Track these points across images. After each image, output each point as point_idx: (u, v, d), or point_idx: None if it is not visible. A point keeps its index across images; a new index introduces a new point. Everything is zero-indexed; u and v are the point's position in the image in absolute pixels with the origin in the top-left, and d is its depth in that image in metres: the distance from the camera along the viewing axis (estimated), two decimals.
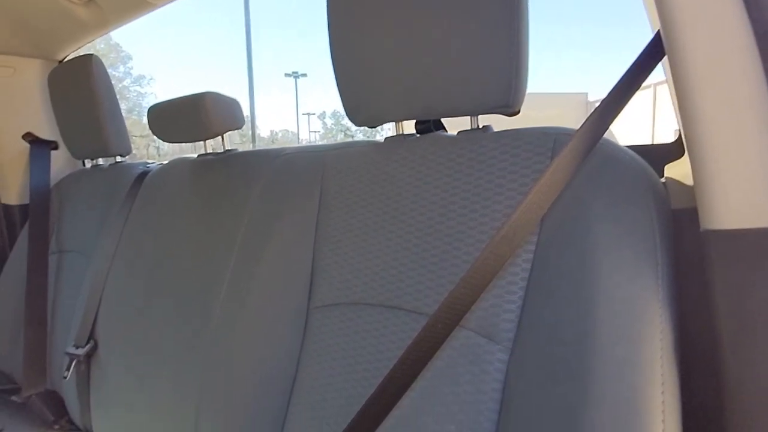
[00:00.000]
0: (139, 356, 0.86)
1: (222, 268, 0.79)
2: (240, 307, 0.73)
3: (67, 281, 1.18)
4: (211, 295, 0.78)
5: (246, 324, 0.71)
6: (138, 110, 19.47)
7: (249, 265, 0.75)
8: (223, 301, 0.76)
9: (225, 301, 0.76)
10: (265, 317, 0.70)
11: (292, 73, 26.40)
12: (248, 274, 0.74)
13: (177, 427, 0.76)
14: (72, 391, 1.00)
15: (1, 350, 1.28)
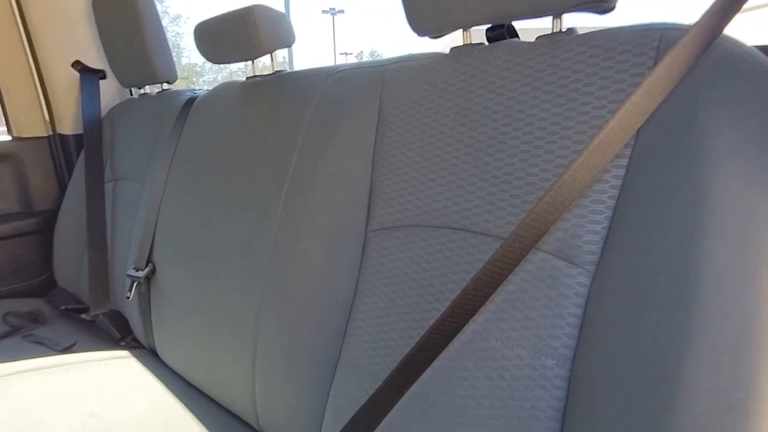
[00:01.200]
0: (196, 278, 0.87)
1: (276, 190, 0.77)
2: (296, 230, 0.71)
3: (122, 208, 1.20)
4: (266, 218, 0.77)
5: (302, 247, 0.70)
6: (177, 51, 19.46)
7: (304, 188, 0.72)
8: (278, 224, 0.74)
9: (280, 223, 0.74)
10: (321, 240, 0.68)
11: (329, 10, 25.52)
12: (303, 197, 0.72)
13: (236, 346, 0.77)
14: (135, 311, 1.04)
15: (69, 274, 1.35)
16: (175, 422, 0.78)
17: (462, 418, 0.53)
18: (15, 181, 1.42)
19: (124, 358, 1.00)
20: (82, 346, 1.08)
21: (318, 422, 0.66)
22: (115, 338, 1.09)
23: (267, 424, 0.75)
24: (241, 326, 0.77)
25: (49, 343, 1.09)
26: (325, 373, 0.66)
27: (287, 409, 0.70)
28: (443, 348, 0.53)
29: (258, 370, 0.73)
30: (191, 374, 0.90)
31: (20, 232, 1.41)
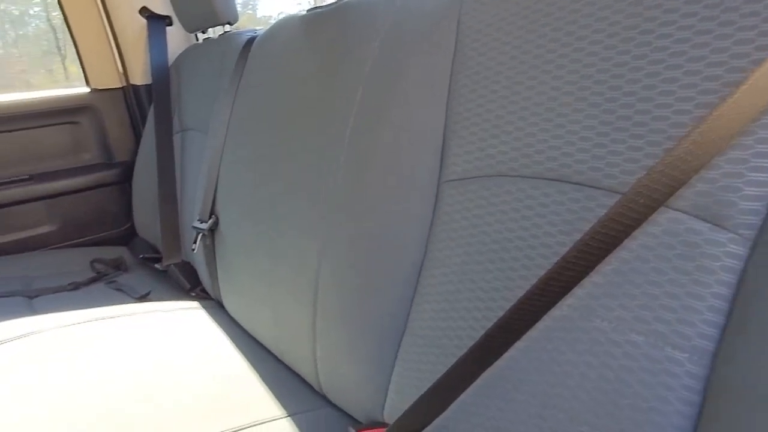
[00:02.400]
0: (256, 231, 0.83)
1: (338, 136, 0.68)
2: (359, 181, 0.63)
3: (190, 159, 1.19)
4: (329, 164, 0.69)
5: (365, 201, 0.61)
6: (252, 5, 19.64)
7: (369, 131, 0.63)
8: (341, 171, 0.66)
9: (344, 170, 0.66)
10: (386, 192, 0.59)
11: None
12: (368, 141, 0.62)
13: (296, 307, 0.72)
14: (201, 264, 1.03)
15: (147, 224, 1.38)
16: (238, 378, 0.76)
17: (551, 410, 0.43)
18: (95, 133, 1.46)
19: (193, 309, 1.00)
20: (156, 294, 1.11)
21: (382, 394, 0.60)
22: (185, 289, 1.10)
23: (329, 390, 0.70)
24: (300, 285, 0.71)
25: (127, 290, 1.12)
26: (389, 342, 0.58)
27: (349, 377, 0.64)
28: (530, 325, 0.43)
29: (318, 333, 0.68)
30: (255, 329, 0.87)
31: (103, 183, 1.46)
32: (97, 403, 0.67)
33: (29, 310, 1.02)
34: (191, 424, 0.64)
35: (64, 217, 1.42)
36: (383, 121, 0.60)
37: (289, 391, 0.75)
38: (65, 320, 0.91)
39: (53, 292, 1.10)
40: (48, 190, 1.37)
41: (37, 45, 1.63)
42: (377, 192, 0.60)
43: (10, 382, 0.73)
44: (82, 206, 1.44)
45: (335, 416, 0.70)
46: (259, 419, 0.66)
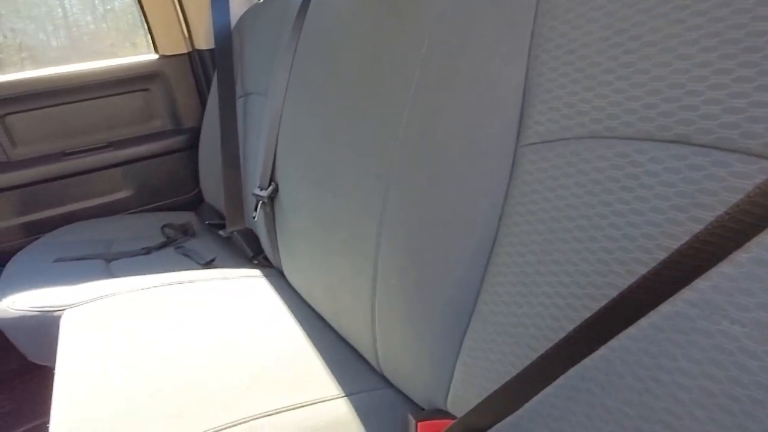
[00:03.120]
0: (315, 199, 0.78)
1: (402, 92, 0.61)
2: (425, 141, 0.56)
3: (252, 124, 1.17)
4: (391, 127, 0.62)
5: (431, 166, 0.54)
6: None
7: (435, 88, 0.55)
8: (404, 133, 0.59)
9: (407, 131, 0.59)
10: (455, 157, 0.52)
11: None
12: (434, 100, 0.55)
13: (354, 280, 0.68)
14: (262, 231, 1.02)
15: (213, 190, 1.40)
16: (297, 353, 0.73)
17: (654, 426, 0.35)
18: (164, 100, 1.48)
19: (254, 277, 0.99)
20: (220, 261, 1.12)
21: (445, 381, 0.54)
22: (248, 256, 1.10)
23: (389, 371, 0.66)
24: (359, 258, 0.66)
25: (194, 256, 1.14)
26: (454, 326, 0.52)
27: (409, 360, 0.59)
28: (632, 322, 0.35)
29: (378, 312, 0.63)
30: (314, 301, 0.85)
31: (172, 149, 1.49)
32: (163, 368, 0.68)
33: (106, 273, 1.06)
34: (250, 398, 0.62)
35: (138, 183, 1.47)
36: (451, 76, 0.52)
37: (347, 368, 0.71)
38: (137, 284, 0.94)
39: (128, 256, 1.15)
40: (123, 156, 1.42)
41: (123, 19, 1.67)
42: (443, 158, 0.53)
43: (87, 342, 0.75)
44: (154, 172, 1.49)
45: (394, 399, 0.66)
46: (317, 398, 0.64)
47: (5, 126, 1.31)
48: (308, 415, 0.61)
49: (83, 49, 1.52)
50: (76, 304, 0.88)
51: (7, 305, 0.93)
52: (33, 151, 1.36)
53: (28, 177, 1.33)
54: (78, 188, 1.40)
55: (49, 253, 1.15)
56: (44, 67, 1.35)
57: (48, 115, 1.36)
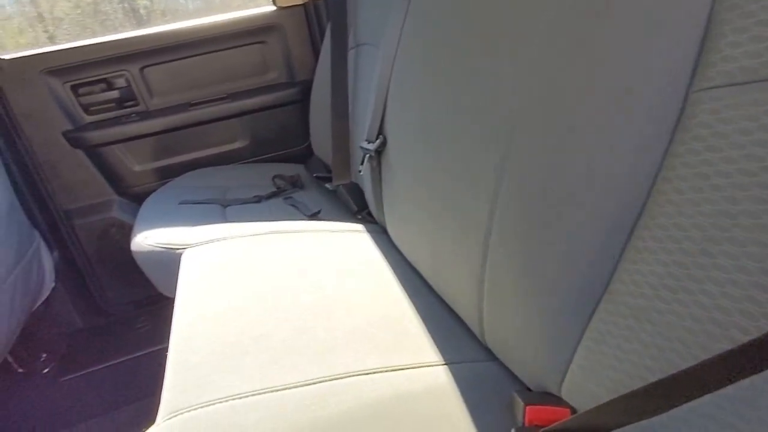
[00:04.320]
0: (427, 155, 0.73)
1: (532, 32, 0.52)
2: (559, 87, 0.47)
3: (362, 75, 1.13)
4: (517, 76, 0.54)
5: (567, 116, 0.46)
6: None
7: (578, 20, 0.45)
8: (533, 81, 0.51)
9: (537, 79, 0.51)
10: (599, 100, 0.43)
11: None
12: (576, 35, 0.45)
13: (462, 245, 0.62)
14: (368, 186, 1.00)
15: (322, 143, 1.41)
16: (397, 314, 0.71)
17: None
18: (280, 52, 1.51)
19: (357, 232, 0.98)
20: (325, 214, 1.12)
21: (561, 365, 0.48)
22: (353, 211, 1.09)
23: (494, 345, 0.60)
24: (469, 221, 0.60)
25: (301, 207, 1.16)
26: (578, 305, 0.45)
27: (520, 338, 0.53)
28: None
29: (488, 280, 0.57)
30: (417, 261, 0.81)
31: (285, 102, 1.52)
32: (266, 314, 0.69)
33: (222, 218, 1.12)
34: (345, 354, 0.61)
35: (253, 135, 1.53)
36: (598, 6, 0.43)
37: (448, 335, 0.67)
38: (249, 230, 0.97)
39: (241, 203, 1.20)
40: (240, 108, 1.48)
41: None
42: (584, 106, 0.44)
43: (203, 280, 0.80)
44: (267, 124, 1.53)
45: (498, 374, 0.60)
46: (414, 362, 0.60)
47: (144, 77, 1.42)
48: (404, 380, 0.58)
49: (215, 10, 1.58)
50: (195, 244, 0.94)
51: (141, 240, 1.03)
52: (165, 101, 1.46)
53: (161, 125, 1.44)
54: (200, 138, 1.50)
55: (175, 196, 1.25)
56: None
57: (177, 68, 1.45)
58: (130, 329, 1.49)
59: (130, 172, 1.48)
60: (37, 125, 1.37)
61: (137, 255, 1.03)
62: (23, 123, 1.36)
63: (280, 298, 0.73)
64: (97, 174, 1.46)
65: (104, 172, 1.47)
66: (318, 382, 0.56)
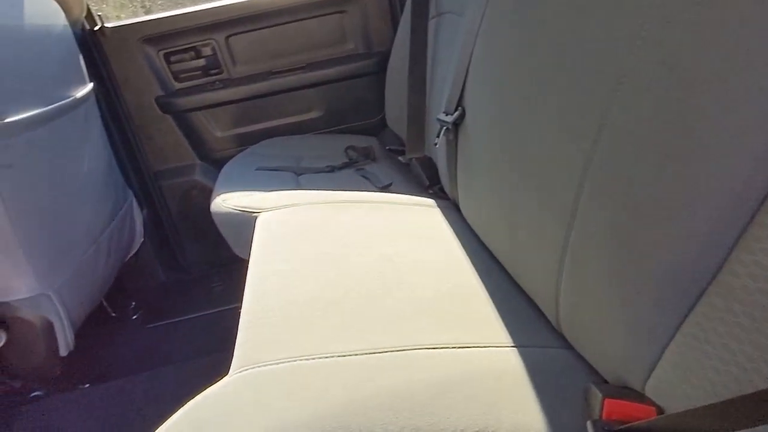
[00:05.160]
0: (509, 127, 0.69)
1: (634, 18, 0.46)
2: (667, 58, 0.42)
3: (443, 46, 1.09)
4: (621, 50, 0.49)
5: (675, 81, 0.41)
6: None
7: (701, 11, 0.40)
8: (640, 51, 0.46)
9: (645, 49, 0.45)
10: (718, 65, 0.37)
11: None
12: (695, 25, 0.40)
13: (541, 225, 0.59)
14: (442, 160, 0.97)
15: (396, 115, 1.39)
16: (466, 291, 0.69)
17: None
18: (358, 22, 1.49)
19: (428, 206, 0.96)
20: (396, 187, 1.11)
21: (649, 359, 0.43)
22: (424, 185, 1.07)
23: (569, 331, 0.57)
24: (552, 200, 0.57)
25: (372, 179, 1.16)
26: (679, 296, 0.40)
27: (601, 327, 0.49)
28: None
29: (568, 264, 0.54)
30: (489, 240, 0.78)
31: (361, 73, 1.51)
32: (336, 281, 0.70)
33: (295, 185, 1.15)
34: (411, 328, 0.60)
35: (328, 105, 1.54)
36: None
37: (519, 317, 0.64)
38: (322, 198, 0.99)
39: (314, 172, 1.22)
40: (317, 78, 1.49)
41: None
42: (697, 73, 0.39)
43: (276, 243, 0.82)
44: (342, 95, 1.54)
45: (572, 362, 0.57)
46: (482, 341, 0.58)
47: (229, 46, 1.47)
48: (471, 358, 0.56)
49: None
50: (269, 209, 0.96)
51: (219, 202, 1.08)
52: (247, 70, 1.51)
53: (242, 93, 1.49)
54: (278, 106, 1.53)
55: (252, 162, 1.30)
56: None
57: (259, 37, 1.48)
58: (206, 287, 1.58)
59: (212, 137, 1.55)
60: (133, 91, 1.47)
61: (216, 216, 1.08)
62: (122, 88, 1.46)
63: (350, 266, 0.73)
64: (183, 138, 1.55)
65: (189, 136, 1.55)
66: (384, 352, 0.56)
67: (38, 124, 1.05)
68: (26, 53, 1.07)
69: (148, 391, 1.16)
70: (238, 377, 0.55)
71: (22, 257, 1.00)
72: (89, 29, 1.38)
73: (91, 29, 1.39)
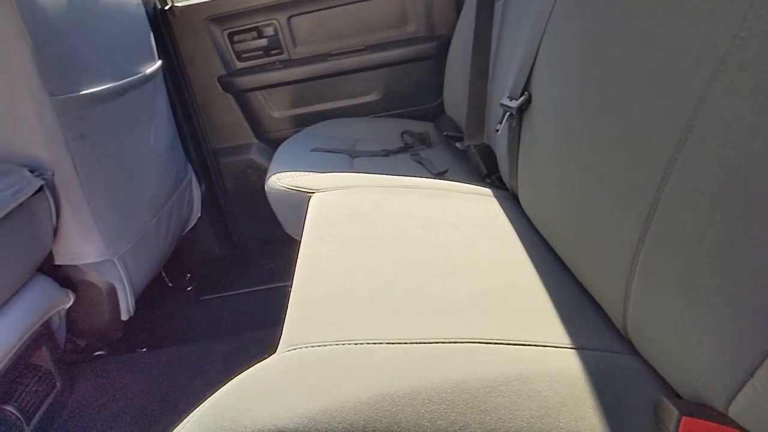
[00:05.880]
0: (583, 118, 0.64)
1: None
2: None
3: (509, 28, 1.04)
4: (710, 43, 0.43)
5: None
6: None
7: None
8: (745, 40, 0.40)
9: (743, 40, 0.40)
10: None
11: None
12: None
13: (621, 208, 0.54)
14: (502, 148, 0.93)
15: (455, 101, 1.35)
16: (523, 286, 0.65)
17: None
18: (421, 4, 1.45)
19: (484, 196, 0.93)
20: (452, 174, 1.08)
21: (736, 378, 0.39)
22: (482, 173, 1.03)
23: (639, 337, 0.52)
24: (628, 195, 0.52)
25: (427, 165, 1.13)
26: None
27: (682, 336, 0.45)
28: None
29: (643, 263, 0.49)
30: (550, 233, 0.74)
31: (421, 56, 1.48)
32: (388, 267, 0.68)
33: (349, 167, 1.14)
34: (464, 320, 0.58)
35: (385, 89, 1.52)
36: None
37: (580, 318, 0.60)
38: (376, 181, 0.97)
39: (369, 155, 1.21)
40: (376, 60, 1.47)
41: None
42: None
43: (329, 225, 0.82)
44: (401, 78, 1.51)
45: (638, 370, 0.53)
46: (539, 340, 0.55)
47: (290, 26, 1.48)
48: (526, 357, 0.53)
49: None
50: (323, 190, 0.96)
51: (274, 181, 1.09)
52: (307, 51, 1.51)
53: (301, 74, 1.49)
54: (335, 89, 1.53)
55: (308, 143, 1.30)
56: None
57: (320, 18, 1.47)
58: (258, 264, 1.62)
59: (270, 117, 1.57)
60: (198, 69, 1.51)
61: (270, 194, 1.10)
62: (188, 66, 1.51)
63: (403, 252, 0.71)
64: (241, 118, 1.58)
65: (247, 116, 1.58)
66: (435, 342, 0.54)
67: (111, 97, 1.09)
68: (103, 29, 1.12)
69: (199, 360, 1.21)
70: (285, 356, 0.55)
71: (92, 224, 1.05)
72: (160, 8, 1.43)
73: (162, 8, 1.43)
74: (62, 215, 1.02)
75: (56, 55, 0.97)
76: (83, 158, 1.02)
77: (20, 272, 0.97)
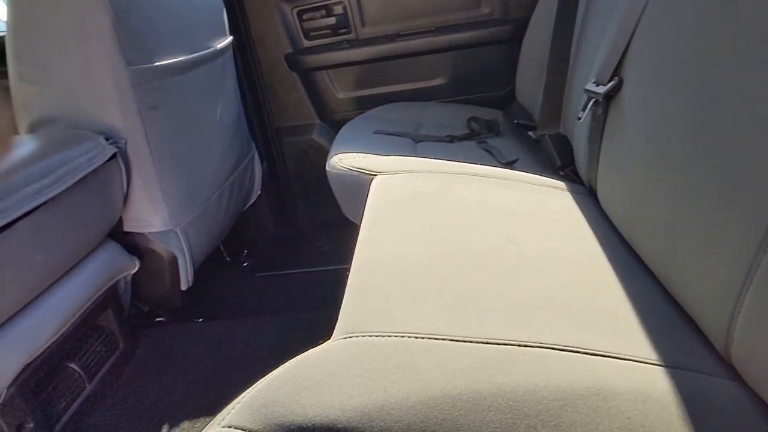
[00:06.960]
0: (687, 113, 0.57)
1: None
2: None
3: (596, 12, 0.95)
4: None
5: None
6: None
7: None
8: None
9: None
10: None
11: None
12: None
13: (729, 215, 0.47)
14: (582, 139, 0.85)
15: (528, 88, 1.27)
16: (603, 290, 0.59)
17: None
18: None
19: (558, 189, 0.86)
20: (522, 164, 1.02)
21: None
22: (555, 165, 0.96)
23: (743, 361, 0.45)
24: (740, 203, 0.44)
25: (495, 153, 1.07)
26: None
27: None
28: None
29: (756, 283, 0.42)
30: (634, 235, 0.67)
31: (494, 40, 1.40)
32: (452, 257, 0.64)
33: (412, 152, 1.10)
34: (536, 322, 0.52)
35: (454, 73, 1.46)
36: None
37: (669, 331, 0.54)
38: (441, 167, 0.93)
39: (433, 141, 1.16)
40: (446, 42, 1.41)
41: None
42: None
43: (390, 209, 0.78)
44: (470, 63, 1.44)
45: (742, 399, 0.46)
46: (621, 352, 0.49)
47: (360, 5, 1.45)
48: (606, 370, 0.47)
49: None
50: (385, 173, 0.93)
51: (335, 162, 1.06)
52: (375, 31, 1.47)
53: (368, 54, 1.46)
54: (401, 71, 1.48)
55: (371, 125, 1.27)
56: None
57: None
58: (313, 245, 1.62)
59: (334, 98, 1.55)
60: (266, 47, 1.51)
61: (331, 175, 1.08)
62: (256, 44, 1.51)
63: (468, 243, 0.67)
64: (306, 98, 1.57)
65: (311, 96, 1.57)
66: (505, 344, 0.49)
67: (182, 70, 1.11)
68: (178, 2, 1.13)
69: (252, 336, 1.22)
70: (341, 343, 0.52)
71: (159, 194, 1.08)
72: None
73: None
74: (132, 184, 1.06)
75: (134, 26, 0.98)
76: (154, 129, 1.04)
77: (93, 235, 1.01)
